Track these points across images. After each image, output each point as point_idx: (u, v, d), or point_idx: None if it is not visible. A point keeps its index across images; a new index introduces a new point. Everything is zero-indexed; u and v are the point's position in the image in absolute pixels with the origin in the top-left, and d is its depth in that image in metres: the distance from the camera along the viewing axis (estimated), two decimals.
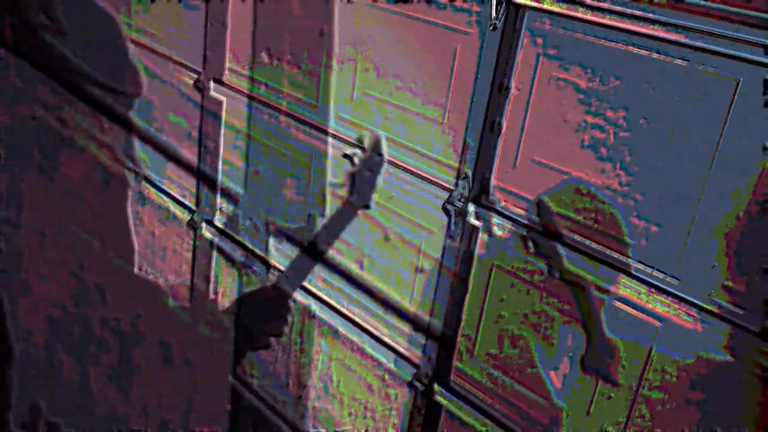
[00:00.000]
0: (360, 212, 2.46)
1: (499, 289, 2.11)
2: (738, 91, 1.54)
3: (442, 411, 2.34)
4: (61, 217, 3.32)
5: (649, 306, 1.78)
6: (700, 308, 1.69)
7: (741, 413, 1.65)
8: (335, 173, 2.50)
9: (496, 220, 2.04)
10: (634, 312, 1.81)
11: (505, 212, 2.04)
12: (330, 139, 2.49)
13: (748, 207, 1.57)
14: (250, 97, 2.75)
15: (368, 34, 2.29)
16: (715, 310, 1.66)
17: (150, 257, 3.25)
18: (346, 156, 1.39)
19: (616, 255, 1.82)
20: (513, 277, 2.06)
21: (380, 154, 1.37)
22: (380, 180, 1.37)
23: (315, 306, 2.72)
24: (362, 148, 1.37)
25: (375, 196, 1.40)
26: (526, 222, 1.99)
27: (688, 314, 1.71)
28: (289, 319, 1.35)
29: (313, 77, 2.50)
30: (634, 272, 1.79)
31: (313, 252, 1.40)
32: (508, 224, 2.02)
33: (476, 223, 2.09)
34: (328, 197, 2.55)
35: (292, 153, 2.65)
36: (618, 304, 1.84)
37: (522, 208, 2.00)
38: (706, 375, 1.70)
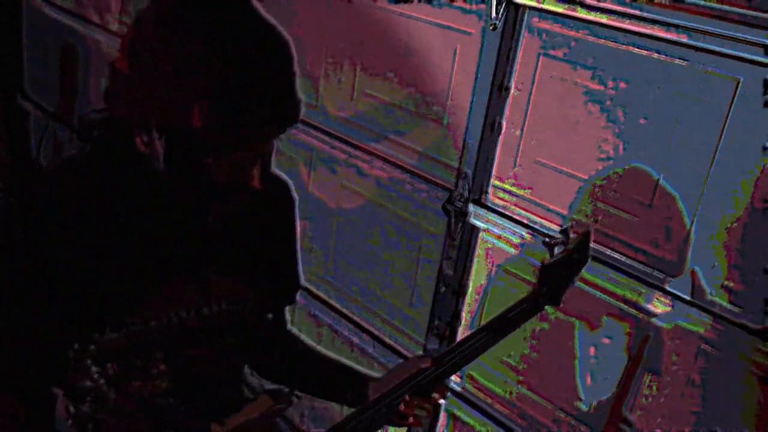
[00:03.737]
0: (360, 205, 2.46)
1: (499, 288, 2.11)
2: (738, 91, 1.54)
3: (441, 411, 2.34)
4: None
5: (650, 306, 1.78)
6: (700, 308, 1.68)
7: (741, 413, 1.65)
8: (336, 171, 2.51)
9: (496, 219, 2.04)
10: (634, 311, 1.81)
11: (505, 212, 2.04)
12: (330, 139, 2.49)
13: (748, 207, 1.56)
14: None
15: (368, 34, 2.29)
16: (715, 310, 1.66)
17: None
18: (545, 244, 1.32)
19: (616, 255, 1.82)
20: (513, 277, 2.06)
21: (585, 253, 1.30)
22: (575, 281, 1.30)
23: (315, 306, 2.72)
24: (566, 239, 1.30)
25: (565, 296, 1.34)
26: (525, 222, 1.99)
27: (688, 314, 1.71)
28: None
29: (313, 77, 2.50)
30: (632, 272, 1.79)
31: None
32: (507, 224, 2.02)
33: (476, 223, 2.09)
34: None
35: (292, 153, 2.65)
36: (618, 303, 1.84)
37: (522, 209, 2.00)
38: (705, 375, 1.70)
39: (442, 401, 1.36)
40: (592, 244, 1.31)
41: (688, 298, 1.70)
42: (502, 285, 2.09)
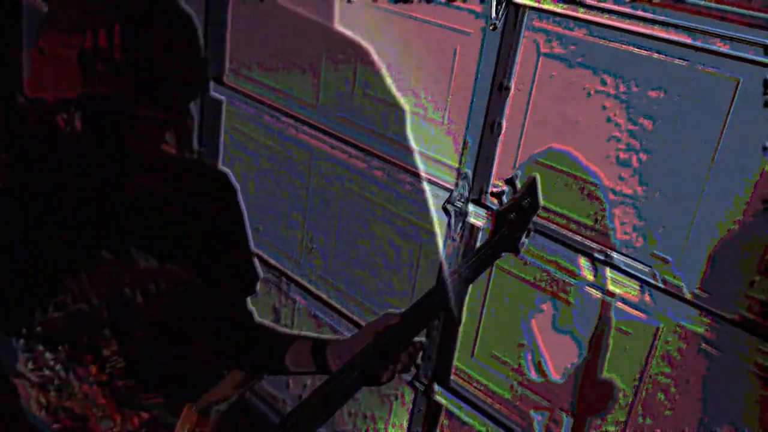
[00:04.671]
0: (360, 212, 2.46)
1: (499, 288, 2.11)
2: (738, 91, 1.54)
3: (442, 411, 2.34)
4: None
5: (649, 306, 1.78)
6: (700, 308, 1.68)
7: (741, 413, 1.65)
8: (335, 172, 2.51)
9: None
10: (634, 312, 1.81)
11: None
12: (330, 139, 2.49)
13: (748, 207, 1.56)
14: (251, 98, 2.75)
15: (368, 34, 2.29)
16: (715, 310, 1.66)
17: None
18: (493, 194, 1.35)
19: (616, 255, 1.82)
20: (513, 276, 2.06)
21: (535, 198, 1.33)
22: (530, 225, 1.33)
23: (315, 306, 2.72)
24: (513, 188, 1.34)
25: (525, 241, 1.36)
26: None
27: (688, 314, 1.71)
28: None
29: (313, 77, 2.50)
30: (633, 272, 1.79)
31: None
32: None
33: (476, 223, 2.09)
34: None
35: (292, 153, 2.65)
36: (619, 304, 1.84)
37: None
38: (705, 375, 1.70)
39: (419, 354, 1.36)
40: (540, 192, 1.34)
41: (688, 298, 1.70)
42: (502, 285, 2.09)
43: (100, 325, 1.19)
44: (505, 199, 1.35)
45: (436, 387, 2.30)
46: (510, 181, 1.34)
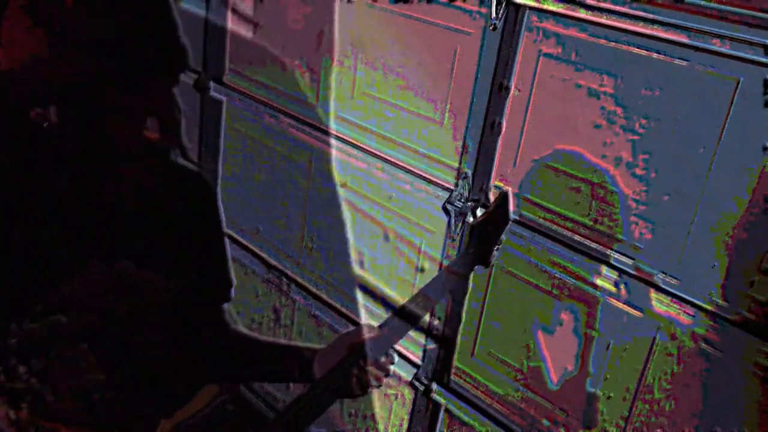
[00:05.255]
0: (360, 212, 2.46)
1: (499, 288, 2.11)
2: (738, 91, 1.54)
3: (441, 411, 2.34)
4: None
5: (649, 306, 1.78)
6: (700, 308, 1.68)
7: (741, 413, 1.65)
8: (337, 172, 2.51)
9: None
10: (634, 312, 1.81)
11: None
12: (330, 139, 2.49)
13: (748, 207, 1.57)
14: (251, 98, 2.75)
15: (368, 34, 2.29)
16: (715, 310, 1.66)
17: None
18: (468, 208, 1.37)
19: (615, 255, 1.82)
20: (513, 276, 2.06)
21: (506, 212, 1.35)
22: (503, 238, 1.34)
23: (315, 306, 2.72)
24: (486, 202, 1.36)
25: (495, 254, 1.37)
26: (525, 222, 1.99)
27: (688, 314, 1.71)
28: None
29: (313, 77, 2.50)
30: (632, 272, 1.79)
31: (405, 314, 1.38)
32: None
33: (512, 210, 2.07)
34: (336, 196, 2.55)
35: (292, 153, 2.65)
36: (619, 304, 1.84)
37: (521, 208, 2.00)
38: (705, 375, 1.70)
39: (391, 367, 1.37)
40: (511, 205, 1.35)
41: (688, 298, 1.70)
42: (502, 285, 2.09)
43: (78, 336, 1.15)
44: (479, 212, 1.37)
45: (436, 387, 2.31)
46: (446, 209, 1.36)
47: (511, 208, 1.34)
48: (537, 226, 1.97)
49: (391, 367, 1.36)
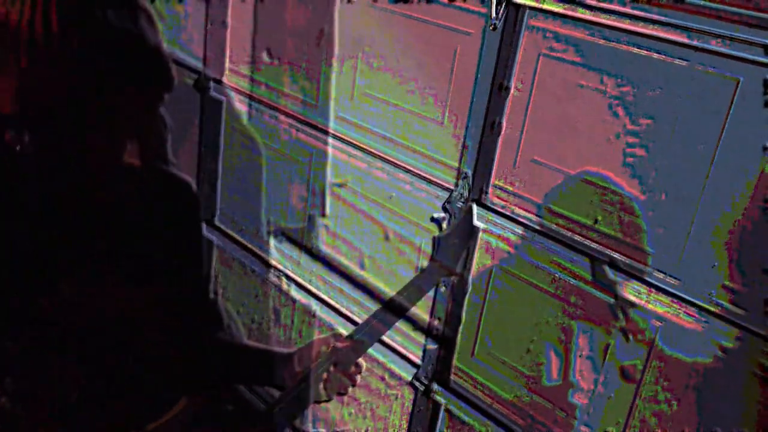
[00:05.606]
0: (360, 212, 2.46)
1: (499, 288, 2.11)
2: (738, 91, 1.54)
3: (441, 411, 2.34)
4: None
5: (650, 306, 1.78)
6: (700, 308, 1.68)
7: (741, 413, 1.65)
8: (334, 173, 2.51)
9: (495, 219, 2.04)
10: (634, 312, 1.81)
11: (505, 212, 2.04)
12: (330, 139, 2.49)
13: (748, 207, 1.57)
14: (250, 97, 2.75)
15: (368, 34, 2.29)
16: (715, 310, 1.66)
17: None
18: (433, 219, 1.37)
19: (616, 255, 1.82)
20: (513, 276, 2.06)
21: (472, 224, 1.35)
22: (470, 249, 1.35)
23: (315, 306, 2.72)
24: (451, 215, 1.36)
25: (461, 263, 1.38)
26: (525, 222, 1.99)
27: (688, 314, 1.71)
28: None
29: (313, 77, 2.50)
30: (632, 271, 1.79)
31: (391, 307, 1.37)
32: (507, 224, 2.02)
33: (476, 223, 2.09)
34: (328, 198, 2.55)
35: (292, 153, 2.65)
36: (618, 303, 1.84)
37: (522, 208, 2.00)
38: (705, 375, 1.70)
39: (358, 377, 1.37)
40: (475, 219, 1.36)
41: (688, 298, 1.70)
42: (502, 285, 2.09)
43: (54, 353, 1.11)
44: (444, 225, 1.37)
45: (436, 387, 2.31)
46: (445, 209, 1.36)
47: (475, 221, 1.36)
48: (536, 225, 1.97)
49: (358, 378, 1.37)
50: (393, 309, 1.39)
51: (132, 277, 1.18)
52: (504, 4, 1.88)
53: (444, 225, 1.36)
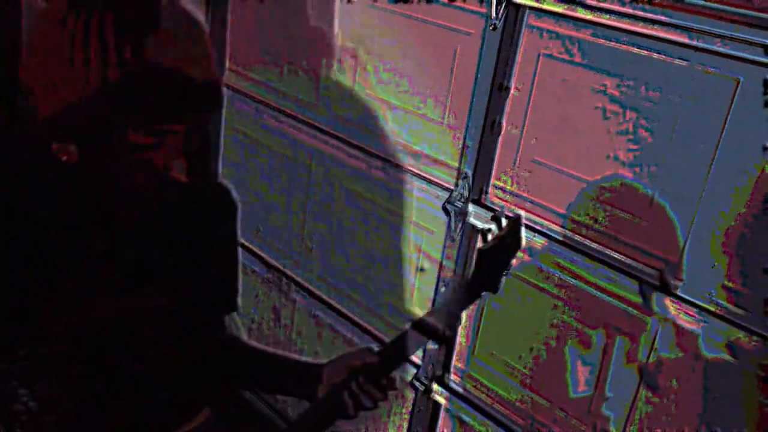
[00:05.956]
0: (361, 212, 2.46)
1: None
2: (738, 91, 1.54)
3: (441, 411, 2.34)
4: None
5: (649, 306, 1.78)
6: (700, 308, 1.68)
7: (741, 413, 1.65)
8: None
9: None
10: (633, 311, 1.81)
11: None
12: (330, 139, 2.49)
13: (748, 207, 1.56)
14: (251, 98, 2.75)
15: (368, 34, 2.29)
16: (715, 310, 1.66)
17: None
18: (478, 230, 1.34)
19: (616, 255, 1.82)
20: (512, 276, 2.06)
21: (518, 238, 1.31)
22: (512, 264, 1.31)
23: (315, 306, 2.72)
24: (499, 225, 1.31)
25: (503, 280, 1.35)
26: (525, 222, 1.99)
27: (688, 314, 1.71)
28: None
29: (313, 77, 2.50)
30: (632, 272, 1.79)
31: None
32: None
33: (476, 223, 2.09)
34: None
35: (292, 153, 2.65)
36: (619, 303, 1.84)
37: (522, 209, 2.00)
38: (705, 375, 1.70)
39: (392, 391, 1.36)
40: (524, 231, 1.32)
41: (689, 299, 1.70)
42: (501, 285, 2.09)
43: (85, 361, 1.11)
44: (489, 236, 1.33)
45: (436, 387, 2.30)
46: (496, 219, 1.32)
47: (523, 234, 1.32)
48: (536, 225, 1.97)
49: (389, 393, 1.35)
50: (424, 326, 1.36)
51: (169, 287, 1.17)
52: (504, 4, 1.88)
53: (489, 237, 1.31)
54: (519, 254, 1.32)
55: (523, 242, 1.32)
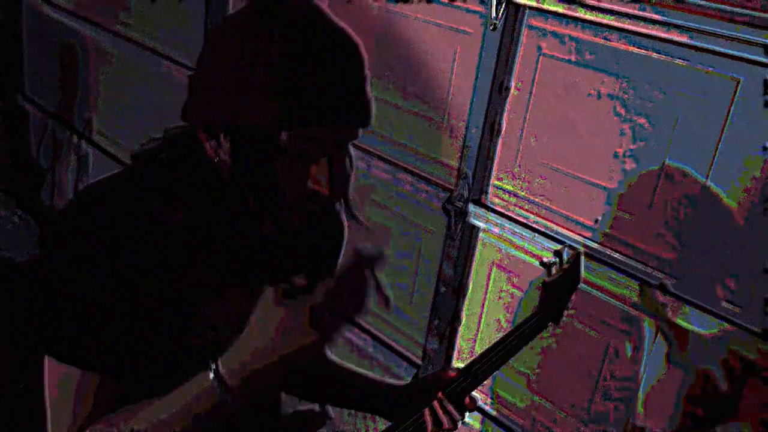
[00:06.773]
0: (360, 212, 2.46)
1: (499, 288, 2.11)
2: (738, 91, 1.54)
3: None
4: None
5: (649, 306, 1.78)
6: (700, 308, 1.68)
7: (741, 413, 1.65)
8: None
9: (496, 219, 2.04)
10: (633, 311, 1.81)
11: (505, 212, 2.04)
12: None
13: (747, 207, 1.56)
14: None
15: (368, 34, 2.29)
16: (716, 310, 1.66)
17: None
18: (543, 264, 1.38)
19: (616, 255, 1.82)
20: (512, 276, 2.06)
21: (578, 273, 1.37)
22: (572, 298, 1.36)
23: None
24: (561, 260, 1.36)
25: (564, 314, 1.40)
26: (525, 222, 1.99)
27: (688, 314, 1.71)
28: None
29: None
30: (632, 272, 1.79)
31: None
32: (507, 224, 2.02)
33: (476, 223, 2.09)
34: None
35: None
36: (619, 303, 1.84)
37: (522, 209, 2.00)
38: (705, 375, 1.70)
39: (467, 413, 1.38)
40: (582, 265, 1.37)
41: (688, 298, 1.70)
42: (502, 285, 2.09)
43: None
44: (553, 270, 1.38)
45: None
46: (558, 253, 1.37)
47: (582, 269, 1.37)
48: (536, 225, 1.97)
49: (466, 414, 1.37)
50: (507, 347, 1.41)
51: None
52: (504, 4, 1.88)
53: (553, 270, 1.37)
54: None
55: (582, 276, 1.37)
